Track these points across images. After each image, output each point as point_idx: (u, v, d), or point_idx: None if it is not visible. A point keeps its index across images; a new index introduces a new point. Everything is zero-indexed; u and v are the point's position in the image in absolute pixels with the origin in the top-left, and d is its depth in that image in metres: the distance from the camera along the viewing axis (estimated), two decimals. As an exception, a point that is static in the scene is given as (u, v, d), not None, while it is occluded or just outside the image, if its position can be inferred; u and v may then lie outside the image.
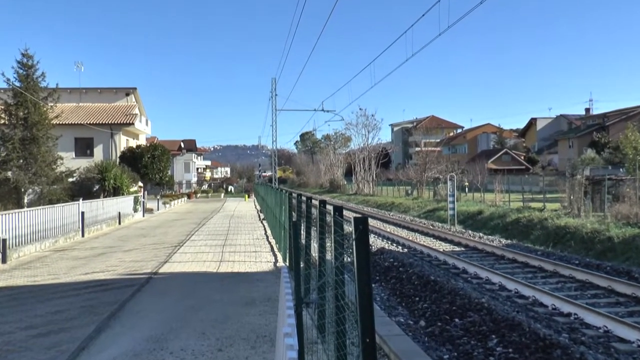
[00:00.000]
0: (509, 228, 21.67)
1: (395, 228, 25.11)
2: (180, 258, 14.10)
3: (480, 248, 17.36)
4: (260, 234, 20.15)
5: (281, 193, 14.12)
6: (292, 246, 7.53)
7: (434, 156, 48.90)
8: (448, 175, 27.70)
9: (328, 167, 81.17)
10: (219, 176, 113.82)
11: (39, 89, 25.36)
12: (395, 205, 38.40)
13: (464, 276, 13.15)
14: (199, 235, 20.40)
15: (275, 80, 48.74)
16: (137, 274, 11.86)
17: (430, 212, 31.41)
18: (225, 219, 29.20)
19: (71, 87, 42.94)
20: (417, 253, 16.98)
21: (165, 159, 38.76)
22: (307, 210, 7.95)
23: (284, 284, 5.15)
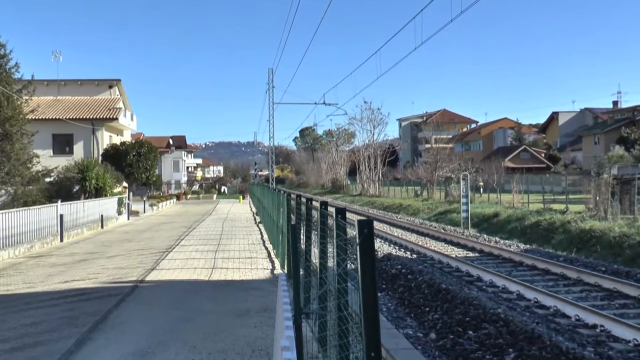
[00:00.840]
0: (528, 232, 21.66)
1: (403, 232, 25.10)
2: (169, 265, 14.10)
3: (496, 254, 17.35)
4: (256, 239, 20.14)
5: (279, 194, 14.12)
6: (291, 252, 7.53)
7: (446, 153, 48.91)
8: (461, 175, 27.69)
9: (330, 166, 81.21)
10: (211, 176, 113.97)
11: (11, 80, 25.26)
12: (404, 207, 38.40)
13: (478, 284, 13.14)
14: (189, 240, 20.40)
15: (272, 71, 48.77)
16: (121, 282, 11.86)
17: (441, 214, 31.40)
18: (218, 222, 29.21)
19: (48, 79, 42.98)
20: (427, 259, 16.98)
21: (153, 157, 38.79)
22: (307, 213, 7.95)
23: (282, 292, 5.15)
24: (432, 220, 30.38)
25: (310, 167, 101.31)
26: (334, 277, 4.54)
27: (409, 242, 20.45)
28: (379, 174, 59.70)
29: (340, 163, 76.01)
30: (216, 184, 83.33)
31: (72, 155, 35.77)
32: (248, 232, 23.19)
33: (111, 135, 40.53)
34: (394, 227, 27.52)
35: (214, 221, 29.99)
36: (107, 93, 43.87)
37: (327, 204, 6.04)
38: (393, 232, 24.46)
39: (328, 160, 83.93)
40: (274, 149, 54.67)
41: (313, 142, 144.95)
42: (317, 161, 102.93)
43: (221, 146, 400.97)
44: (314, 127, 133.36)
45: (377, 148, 62.17)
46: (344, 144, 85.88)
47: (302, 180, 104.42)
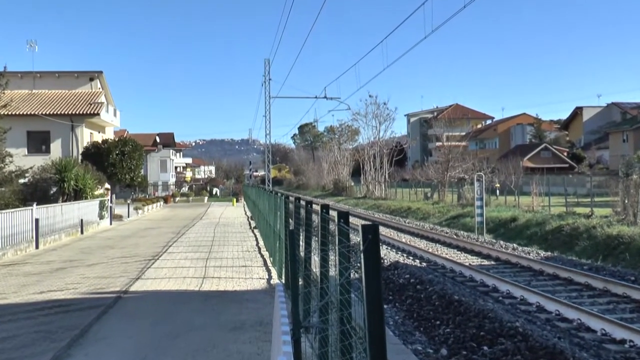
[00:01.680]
0: (549, 238, 21.66)
1: (411, 238, 25.10)
2: (156, 274, 14.10)
3: (514, 261, 17.34)
4: (251, 245, 20.14)
5: (276, 196, 14.12)
6: (289, 260, 7.52)
7: (459, 152, 48.95)
8: (475, 175, 27.68)
9: (332, 166, 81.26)
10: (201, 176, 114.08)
11: (-20, 72, 25.35)
12: (412, 210, 38.41)
13: (494, 295, 13.13)
14: (178, 246, 20.40)
15: (268, 62, 48.82)
16: (103, 292, 11.86)
17: (453, 218, 31.40)
18: (210, 227, 29.22)
19: (23, 71, 43.05)
20: (438, 267, 16.98)
21: (138, 156, 38.83)
22: (306, 217, 7.95)
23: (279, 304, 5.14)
24: (443, 225, 30.38)
25: (310, 167, 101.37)
26: (336, 287, 4.54)
27: (418, 249, 20.45)
28: (385, 174, 59.71)
29: (343, 162, 76.06)
30: (207, 186, 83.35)
31: (49, 154, 35.78)
32: (242, 238, 23.18)
33: (92, 133, 40.58)
34: (402, 232, 27.52)
35: (205, 226, 29.99)
36: (88, 86, 43.89)
37: (328, 208, 6.03)
38: (401, 238, 24.46)
39: (330, 160, 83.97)
40: (270, 147, 54.72)
41: (313, 140, 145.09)
42: (317, 160, 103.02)
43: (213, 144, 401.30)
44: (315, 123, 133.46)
45: (383, 146, 62.19)
46: (347, 141, 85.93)
47: (302, 181, 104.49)
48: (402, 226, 29.81)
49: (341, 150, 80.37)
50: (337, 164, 78.19)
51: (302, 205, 8.57)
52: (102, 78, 45.19)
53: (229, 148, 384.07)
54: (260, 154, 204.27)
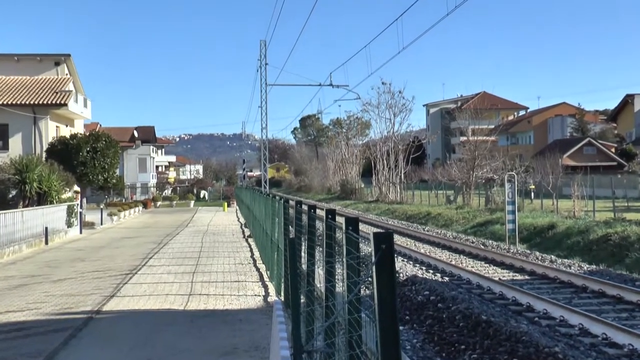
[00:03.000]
0: (594, 249, 21.59)
1: (431, 248, 25.08)
2: (134, 291, 14.12)
3: (552, 276, 17.30)
4: (245, 257, 20.14)
5: (274, 200, 14.11)
6: (289, 273, 7.51)
7: (486, 148, 48.79)
8: (506, 175, 27.63)
9: (338, 164, 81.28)
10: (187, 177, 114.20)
11: None
12: (432, 216, 38.39)
13: (529, 315, 13.10)
14: (159, 259, 20.42)
15: (264, 44, 48.87)
16: (71, 313, 11.88)
17: (480, 225, 31.37)
18: (197, 236, 29.25)
19: (-26, 55, 43.18)
20: (463, 283, 16.95)
21: (112, 153, 38.90)
22: (309, 224, 7.94)
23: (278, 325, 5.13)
24: (468, 234, 30.34)
25: (314, 166, 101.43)
26: (344, 305, 4.53)
27: (439, 261, 20.42)
28: (401, 174, 59.69)
29: (351, 161, 76.04)
30: (194, 188, 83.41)
31: (7, 151, 35.83)
32: (234, 248, 23.19)
33: (58, 126, 40.66)
34: (420, 241, 27.49)
35: (192, 235, 30.01)
36: (53, 72, 43.92)
37: (334, 213, 6.02)
38: (419, 249, 24.43)
39: (336, 158, 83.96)
40: (267, 143, 54.78)
41: (317, 135, 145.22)
42: (322, 158, 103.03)
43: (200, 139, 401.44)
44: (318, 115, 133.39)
45: (398, 141, 62.18)
46: (357, 136, 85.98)
47: (304, 182, 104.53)
48: (420, 234, 29.78)
49: (349, 146, 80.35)
50: (344, 162, 78.18)
51: (304, 210, 8.56)
52: (69, 62, 45.19)
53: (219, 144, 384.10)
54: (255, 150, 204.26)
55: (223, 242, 26.03)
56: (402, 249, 23.72)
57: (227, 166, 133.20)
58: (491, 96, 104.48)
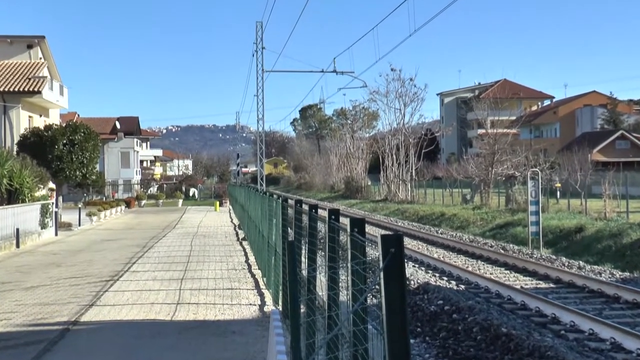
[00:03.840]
0: (628, 254, 21.55)
1: (446, 252, 25.07)
2: (115, 299, 14.13)
3: (580, 284, 17.28)
4: (239, 262, 20.14)
5: (271, 199, 14.11)
6: (288, 280, 7.52)
7: (507, 142, 48.70)
8: (529, 172, 27.61)
9: (343, 160, 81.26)
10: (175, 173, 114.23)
11: None
12: (447, 217, 38.37)
13: (554, 328, 13.09)
14: (144, 264, 20.43)
15: (261, 26, 48.87)
16: (45, 324, 11.89)
17: (500, 228, 31.35)
18: (185, 238, 29.27)
19: None
20: (481, 291, 16.94)
21: (92, 146, 38.91)
22: (310, 226, 7.94)
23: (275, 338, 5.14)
24: (487, 237, 30.32)
25: (316, 162, 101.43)
26: (349, 316, 4.53)
27: (454, 266, 20.40)
28: (412, 170, 59.68)
29: (357, 156, 76.03)
30: (182, 185, 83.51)
31: (-26, 144, 35.83)
32: (227, 252, 23.20)
33: (31, 116, 40.67)
34: (433, 245, 27.48)
35: (180, 237, 30.03)
36: (26, 55, 43.84)
37: (338, 213, 6.02)
38: (432, 253, 24.42)
39: (340, 152, 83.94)
40: (264, 135, 54.77)
41: (319, 126, 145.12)
42: (324, 153, 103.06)
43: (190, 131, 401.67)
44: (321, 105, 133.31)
45: (409, 134, 62.11)
46: (363, 128, 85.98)
47: (304, 179, 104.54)
48: (433, 237, 29.77)
49: (355, 139, 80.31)
50: (349, 157, 78.15)
51: (305, 210, 8.56)
52: (44, 46, 45.09)
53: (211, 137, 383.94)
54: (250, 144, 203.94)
55: (215, 245, 26.03)
56: (413, 253, 23.71)
57: (219, 161, 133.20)
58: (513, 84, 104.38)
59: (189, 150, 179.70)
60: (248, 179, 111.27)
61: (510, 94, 79.56)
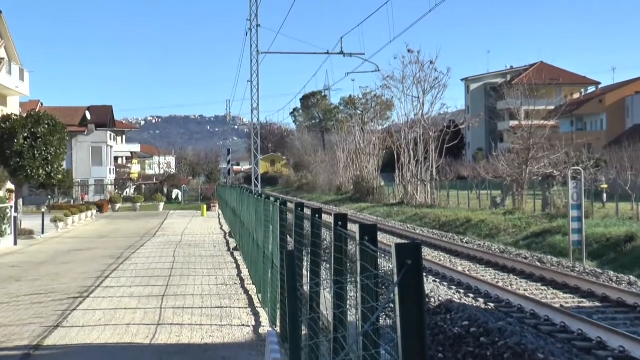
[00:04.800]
0: (686, 267, 21.50)
1: (472, 265, 25.03)
2: (85, 319, 14.14)
3: (630, 303, 17.23)
4: (230, 276, 20.16)
5: (267, 203, 14.10)
6: (287, 297, 7.52)
7: (544, 136, 48.67)
8: (570, 171, 27.56)
9: (351, 156, 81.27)
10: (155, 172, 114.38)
11: None
12: (473, 224, 38.34)
13: (600, 354, 13.06)
14: (119, 277, 20.45)
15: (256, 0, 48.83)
16: (2, 349, 11.89)
17: (536, 236, 31.30)
18: (168, 248, 29.29)
19: None
20: (513, 310, 16.91)
21: (58, 140, 38.92)
22: (312, 233, 7.94)
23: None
24: (520, 247, 30.27)
25: (320, 159, 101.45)
26: (358, 338, 4.53)
27: (481, 281, 20.36)
28: (433, 169, 59.60)
29: (368, 152, 76.03)
30: (164, 186, 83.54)
31: None
32: (217, 264, 23.23)
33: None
34: (458, 257, 27.44)
35: (161, 247, 30.06)
36: (-27, 32, 43.80)
37: (346, 219, 6.02)
38: (455, 266, 24.38)
39: (348, 147, 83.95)
40: (259, 128, 54.78)
41: (324, 117, 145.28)
42: (330, 148, 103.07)
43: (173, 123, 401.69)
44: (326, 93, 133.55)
45: (429, 127, 62.06)
46: (375, 119, 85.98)
47: (306, 179, 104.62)
48: (457, 247, 29.73)
49: (366, 132, 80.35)
50: (359, 153, 78.17)
51: (307, 215, 8.56)
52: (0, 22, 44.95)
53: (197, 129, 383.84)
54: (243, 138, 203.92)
55: (202, 256, 26.05)
56: (434, 265, 23.67)
57: (207, 158, 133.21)
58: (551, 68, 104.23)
59: (172, 145, 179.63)
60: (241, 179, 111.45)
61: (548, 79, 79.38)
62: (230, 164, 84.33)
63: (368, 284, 4.32)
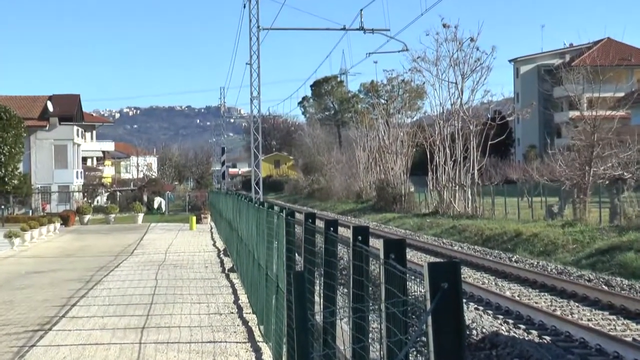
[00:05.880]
0: None
1: (523, 289, 24.99)
2: (47, 358, 14.15)
3: None
4: (225, 303, 20.17)
5: (271, 213, 14.12)
6: (295, 329, 7.53)
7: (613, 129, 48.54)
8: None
9: (374, 155, 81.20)
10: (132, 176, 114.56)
11: None
12: (524, 238, 38.24)
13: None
14: (88, 306, 20.49)
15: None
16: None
17: (602, 253, 31.20)
18: (148, 269, 29.34)
19: None
20: (574, 345, 16.88)
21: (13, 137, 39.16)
22: (326, 251, 7.95)
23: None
24: (582, 266, 30.18)
25: (335, 158, 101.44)
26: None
27: (535, 309, 20.33)
28: (474, 171, 59.44)
29: (394, 150, 75.96)
30: (144, 193, 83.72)
31: None
32: (208, 289, 23.26)
33: None
34: (505, 279, 27.40)
35: (140, 268, 30.11)
36: None
37: (367, 233, 6.03)
38: (502, 290, 24.35)
39: (370, 145, 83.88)
40: (260, 121, 54.80)
41: (339, 108, 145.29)
42: (347, 146, 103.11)
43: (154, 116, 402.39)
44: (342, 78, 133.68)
45: (469, 119, 61.92)
46: (403, 109, 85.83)
47: (318, 184, 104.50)
48: (505, 267, 29.68)
49: (391, 126, 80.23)
50: (383, 152, 78.07)
51: (319, 228, 8.57)
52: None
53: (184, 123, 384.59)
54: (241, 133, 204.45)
55: (190, 279, 26.07)
56: (476, 290, 23.64)
57: (196, 158, 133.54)
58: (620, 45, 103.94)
59: (153, 142, 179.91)
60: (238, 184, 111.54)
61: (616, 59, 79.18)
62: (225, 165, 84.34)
63: (395, 312, 4.33)
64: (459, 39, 61.18)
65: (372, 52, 59.66)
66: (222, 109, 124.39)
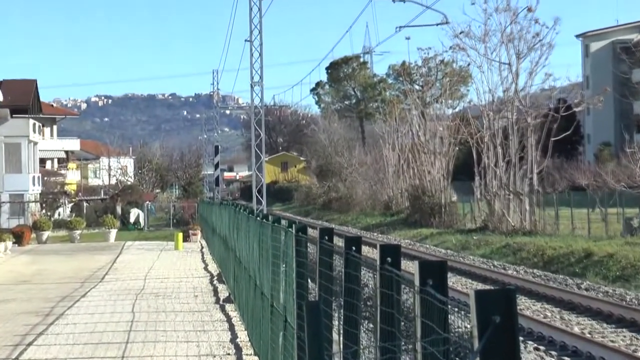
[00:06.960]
0: None
1: (595, 324, 24.97)
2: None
3: None
4: (220, 342, 20.25)
5: (277, 229, 14.17)
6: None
7: None
8: None
9: (406, 156, 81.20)
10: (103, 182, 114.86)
11: None
12: (596, 260, 38.22)
13: None
14: (48, 346, 20.58)
15: None
16: None
17: (696, 279, 31.19)
18: (123, 299, 29.44)
19: None
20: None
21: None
22: (347, 276, 7.98)
23: None
24: (670, 295, 30.19)
25: (356, 160, 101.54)
26: None
27: (610, 349, 20.31)
28: (533, 175, 59.38)
29: (431, 149, 75.98)
30: (117, 203, 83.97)
31: None
32: (199, 324, 23.35)
33: None
34: (572, 311, 27.40)
35: (113, 297, 30.21)
36: None
37: (398, 252, 6.05)
38: (569, 325, 24.32)
39: (401, 142, 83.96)
40: (263, 112, 54.89)
41: (363, 96, 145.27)
42: (373, 143, 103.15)
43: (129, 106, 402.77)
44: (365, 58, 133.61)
45: (526, 110, 61.82)
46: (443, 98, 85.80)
47: (337, 191, 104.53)
48: (572, 296, 29.69)
49: (428, 119, 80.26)
50: (417, 151, 78.11)
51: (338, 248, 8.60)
52: None
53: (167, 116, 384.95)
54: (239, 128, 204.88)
55: (176, 311, 26.15)
56: (536, 325, 23.65)
57: (182, 160, 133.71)
58: None
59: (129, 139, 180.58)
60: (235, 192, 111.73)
61: None
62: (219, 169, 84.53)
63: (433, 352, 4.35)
64: (512, 9, 61.14)
65: (403, 26, 59.88)
66: (216, 97, 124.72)
